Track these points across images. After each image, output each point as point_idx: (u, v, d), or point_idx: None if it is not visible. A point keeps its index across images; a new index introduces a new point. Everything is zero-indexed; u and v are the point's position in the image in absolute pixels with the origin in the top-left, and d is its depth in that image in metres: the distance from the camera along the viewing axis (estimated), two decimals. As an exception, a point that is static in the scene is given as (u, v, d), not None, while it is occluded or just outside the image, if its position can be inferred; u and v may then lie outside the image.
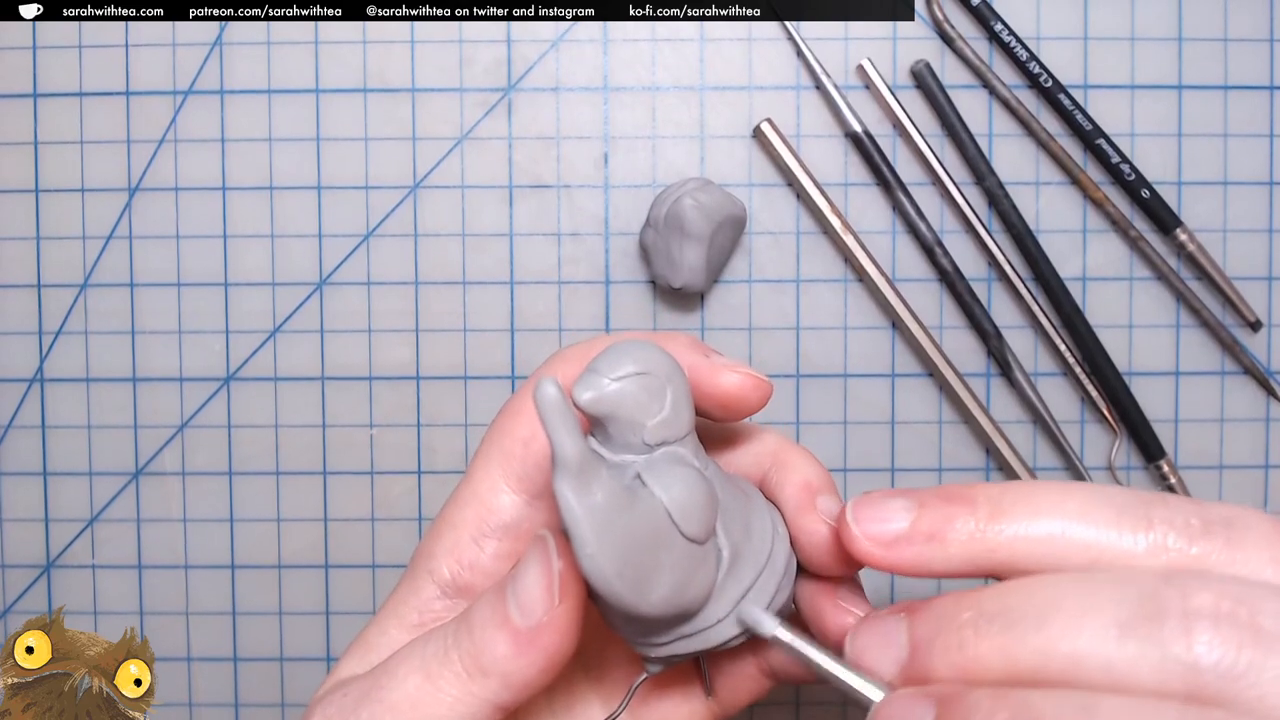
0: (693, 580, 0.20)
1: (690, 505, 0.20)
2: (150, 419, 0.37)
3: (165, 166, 0.36)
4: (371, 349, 0.37)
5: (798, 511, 0.23)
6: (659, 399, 0.21)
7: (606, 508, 0.18)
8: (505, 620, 0.20)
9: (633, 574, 0.19)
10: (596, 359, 0.21)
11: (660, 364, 0.21)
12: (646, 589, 0.19)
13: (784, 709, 0.37)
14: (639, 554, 0.19)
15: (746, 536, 0.22)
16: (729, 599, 0.21)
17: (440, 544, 0.24)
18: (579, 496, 0.18)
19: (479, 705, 0.20)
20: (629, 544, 0.19)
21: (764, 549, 0.22)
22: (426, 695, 0.20)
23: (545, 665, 0.20)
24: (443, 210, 0.36)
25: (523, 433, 0.24)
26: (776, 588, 0.22)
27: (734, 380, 0.23)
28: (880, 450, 0.37)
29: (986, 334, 0.36)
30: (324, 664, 0.37)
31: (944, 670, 0.18)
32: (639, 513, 0.19)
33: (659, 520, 0.19)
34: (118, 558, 0.37)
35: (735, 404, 0.23)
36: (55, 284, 0.37)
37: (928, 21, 0.36)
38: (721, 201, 0.34)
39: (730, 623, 0.21)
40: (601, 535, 0.18)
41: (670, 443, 0.21)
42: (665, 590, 0.19)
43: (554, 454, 0.18)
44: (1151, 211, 0.36)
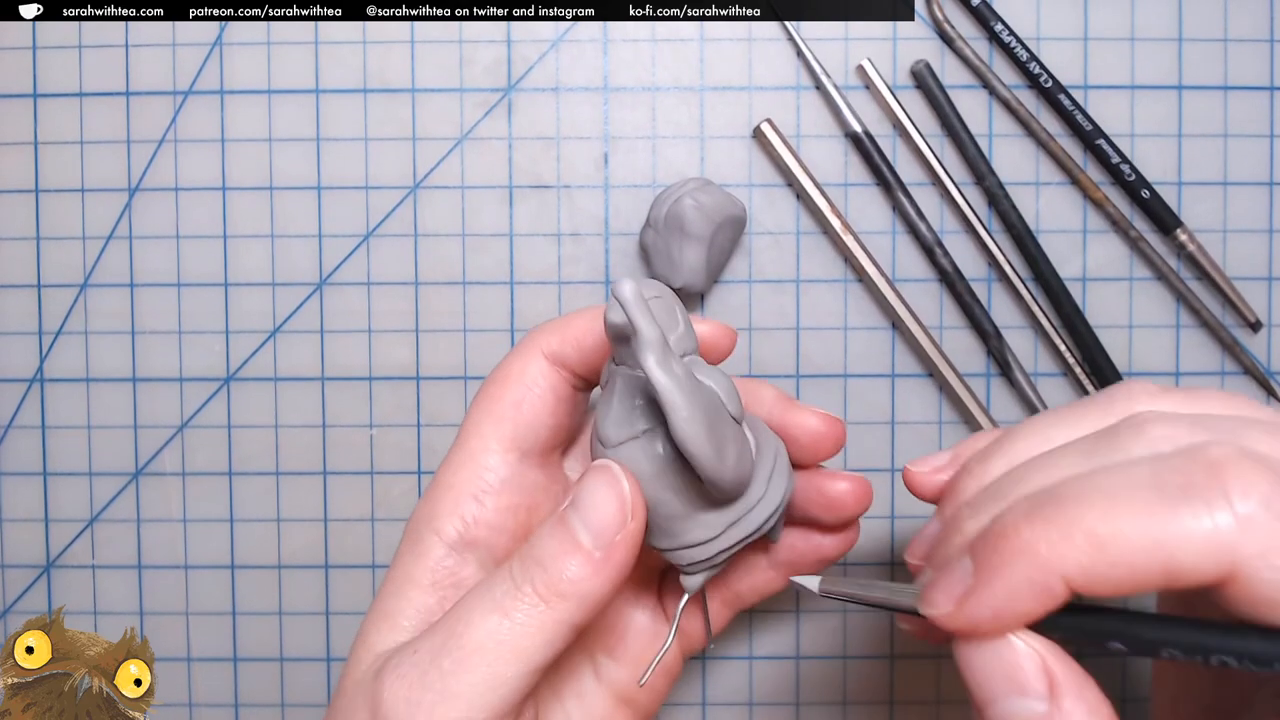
0: (745, 454, 0.23)
1: (730, 390, 0.23)
2: (150, 419, 0.37)
3: (165, 166, 0.36)
4: (371, 349, 0.37)
5: (784, 411, 0.27)
6: (674, 317, 0.24)
7: (686, 379, 0.21)
8: (577, 546, 0.22)
9: (715, 440, 0.21)
10: (617, 289, 0.23)
11: (667, 290, 0.24)
12: (724, 454, 0.22)
13: (784, 709, 0.37)
14: (714, 422, 0.21)
15: (757, 431, 0.25)
16: (761, 479, 0.24)
17: (441, 505, 0.26)
18: (665, 370, 0.20)
19: (557, 628, 0.22)
20: (706, 412, 0.21)
21: (770, 439, 0.25)
22: (506, 629, 0.22)
23: (617, 580, 0.22)
24: (443, 210, 0.36)
25: (512, 396, 0.26)
26: (788, 472, 0.25)
27: (813, 423, 0.27)
28: (880, 450, 0.37)
29: (986, 334, 0.36)
30: (324, 664, 0.37)
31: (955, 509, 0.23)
32: (702, 390, 0.22)
33: (715, 400, 0.22)
34: (118, 558, 0.37)
35: (820, 441, 0.27)
36: (55, 284, 0.37)
37: (928, 21, 0.36)
38: (721, 202, 0.34)
39: (765, 504, 0.24)
40: (691, 401, 0.21)
41: (689, 354, 0.24)
42: (733, 458, 0.22)
43: (641, 338, 0.20)
44: (1151, 212, 0.36)
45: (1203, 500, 0.18)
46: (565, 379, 0.27)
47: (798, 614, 0.37)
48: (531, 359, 0.26)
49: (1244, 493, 0.18)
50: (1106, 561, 0.18)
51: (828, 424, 0.27)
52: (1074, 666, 0.19)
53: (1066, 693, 0.19)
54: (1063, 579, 0.19)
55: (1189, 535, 0.18)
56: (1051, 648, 0.19)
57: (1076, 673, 0.19)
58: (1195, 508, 0.18)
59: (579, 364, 0.27)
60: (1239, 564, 0.18)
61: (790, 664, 0.37)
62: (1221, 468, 0.18)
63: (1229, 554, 0.18)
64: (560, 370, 0.27)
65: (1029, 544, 0.19)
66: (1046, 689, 0.19)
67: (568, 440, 0.29)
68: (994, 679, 0.19)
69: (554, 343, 0.27)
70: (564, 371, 0.27)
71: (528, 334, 0.28)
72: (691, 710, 0.37)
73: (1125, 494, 0.19)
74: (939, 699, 0.37)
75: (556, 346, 0.26)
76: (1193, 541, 0.18)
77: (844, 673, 0.37)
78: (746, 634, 0.37)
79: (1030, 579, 0.19)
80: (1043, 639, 0.20)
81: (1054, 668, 0.19)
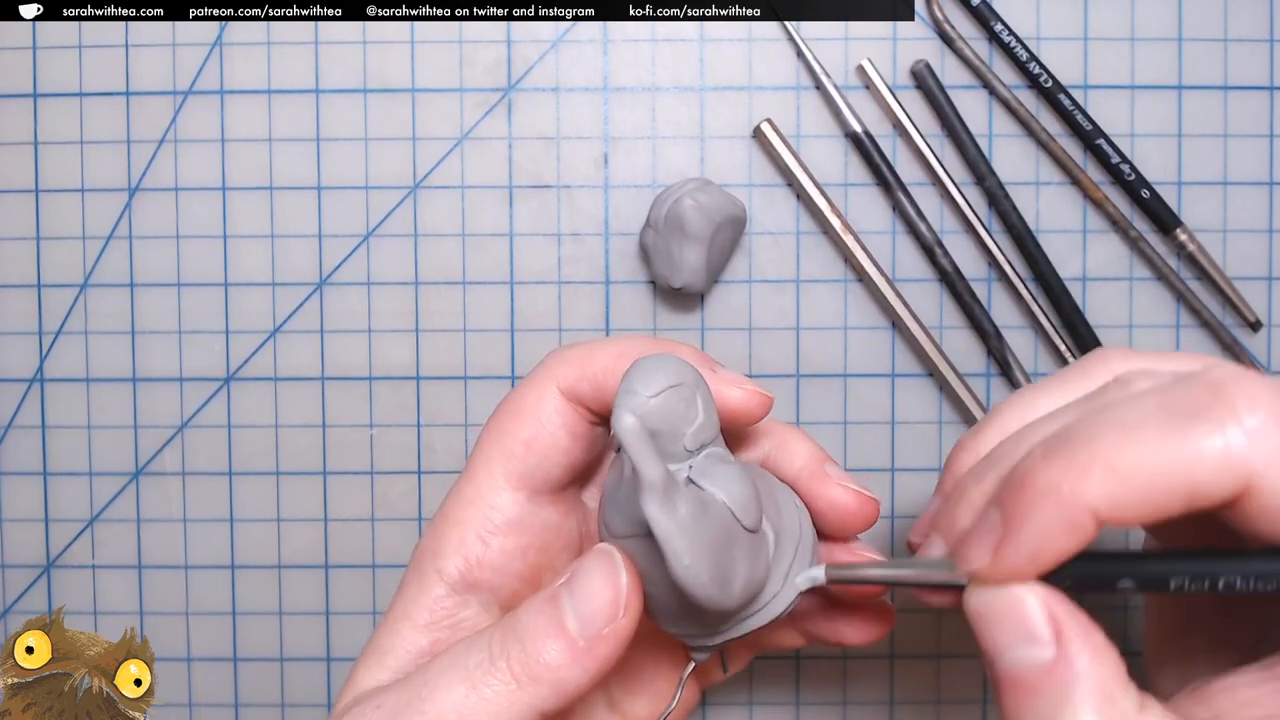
0: (758, 566, 0.22)
1: (746, 499, 0.22)
2: (150, 419, 0.37)
3: (165, 166, 0.36)
4: (371, 349, 0.37)
5: (813, 481, 0.26)
6: (693, 407, 0.22)
7: (691, 519, 0.20)
8: (561, 630, 0.21)
9: (720, 575, 0.20)
10: (629, 379, 0.22)
11: (686, 374, 0.22)
12: (729, 585, 0.21)
13: (784, 710, 0.37)
14: (720, 554, 0.21)
15: (779, 515, 0.24)
16: (780, 575, 0.23)
17: (446, 542, 0.25)
18: (668, 514, 0.19)
19: (524, 711, 0.21)
20: (711, 548, 0.20)
21: (794, 523, 0.24)
22: (471, 703, 0.21)
23: (598, 673, 0.21)
24: (443, 210, 0.36)
25: (524, 434, 0.25)
26: (811, 555, 0.24)
27: (738, 395, 0.25)
28: (880, 450, 0.37)
29: (986, 334, 0.36)
30: (324, 664, 0.37)
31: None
32: (711, 517, 0.21)
33: (726, 520, 0.21)
34: (118, 558, 0.37)
35: (740, 417, 0.25)
36: (55, 284, 0.37)
37: (928, 21, 0.36)
38: (721, 202, 0.34)
39: (783, 597, 0.23)
40: (693, 546, 0.20)
41: (708, 445, 0.22)
42: (742, 581, 0.21)
43: (641, 479, 0.19)
44: (1151, 212, 0.36)
45: (1212, 419, 0.19)
46: (582, 415, 0.25)
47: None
48: (546, 393, 0.25)
49: (1250, 408, 0.19)
50: (1129, 490, 0.19)
51: (859, 502, 0.25)
52: (1079, 613, 0.20)
53: (1073, 637, 0.19)
54: (1090, 512, 0.19)
55: (1204, 454, 0.18)
56: (1057, 596, 0.20)
57: (1081, 618, 0.20)
58: (1206, 427, 0.19)
59: (596, 402, 0.25)
60: (1253, 476, 0.18)
61: (790, 664, 0.37)
62: (1224, 386, 0.19)
63: (1243, 468, 0.18)
64: (577, 406, 0.25)
65: (1052, 484, 0.19)
66: (1053, 635, 0.19)
67: (585, 475, 0.27)
68: (1002, 628, 0.20)
69: (571, 377, 0.25)
70: (580, 408, 0.25)
71: (545, 361, 0.26)
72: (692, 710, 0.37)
73: (1137, 423, 0.19)
74: (939, 699, 0.37)
75: (574, 382, 0.25)
76: (1208, 460, 0.18)
77: (844, 673, 0.37)
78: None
79: (1059, 517, 0.19)
80: (1048, 588, 0.20)
81: (1059, 614, 0.20)
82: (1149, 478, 0.19)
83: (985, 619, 0.20)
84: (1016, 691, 0.19)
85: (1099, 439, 0.19)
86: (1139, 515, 0.19)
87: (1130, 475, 0.19)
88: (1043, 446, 0.20)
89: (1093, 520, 0.19)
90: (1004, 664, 0.20)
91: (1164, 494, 0.19)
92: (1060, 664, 0.19)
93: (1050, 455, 0.20)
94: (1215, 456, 0.18)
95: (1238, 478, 0.18)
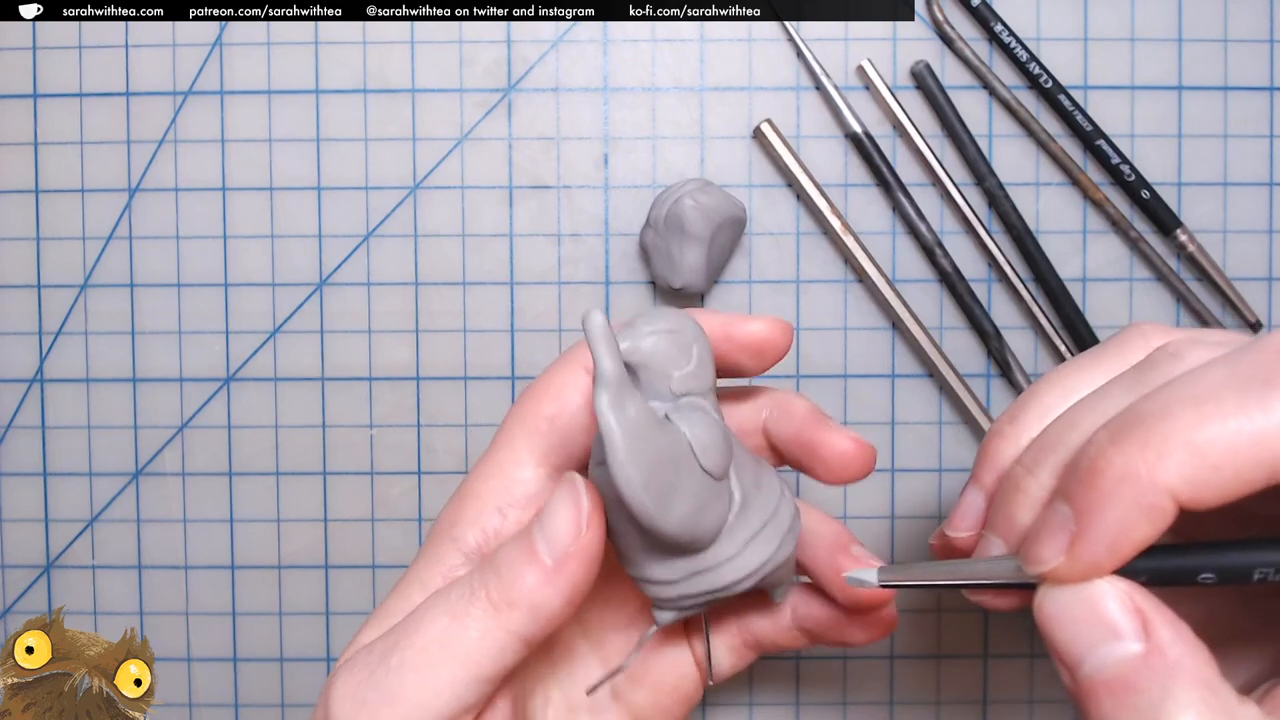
0: (708, 510, 0.22)
1: (709, 442, 0.22)
2: (150, 419, 0.37)
3: (165, 167, 0.36)
4: (371, 349, 0.37)
5: (815, 429, 0.26)
6: (686, 354, 0.23)
7: (637, 422, 0.20)
8: (533, 555, 0.22)
9: (656, 487, 0.21)
10: (635, 317, 0.23)
11: (689, 326, 0.23)
12: (667, 505, 0.21)
13: (784, 710, 0.37)
14: (662, 470, 0.21)
15: (757, 488, 0.24)
16: (738, 540, 0.23)
17: (464, 513, 0.25)
18: (615, 410, 0.20)
19: (505, 637, 0.22)
20: (655, 459, 0.21)
21: (771, 503, 0.24)
22: (455, 633, 0.22)
23: (570, 594, 0.22)
24: (443, 210, 0.36)
25: (549, 410, 0.25)
26: (780, 541, 0.24)
27: (760, 326, 0.25)
28: (880, 450, 0.36)
29: (986, 334, 0.36)
30: (324, 664, 0.37)
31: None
32: (664, 436, 0.21)
33: (681, 448, 0.22)
34: (118, 558, 0.37)
35: (765, 347, 0.25)
36: (55, 284, 0.37)
37: (928, 22, 0.36)
38: (721, 202, 0.34)
39: (737, 565, 0.23)
40: (632, 445, 0.20)
41: (694, 394, 0.23)
42: (683, 511, 0.21)
43: (596, 372, 0.20)
44: (1151, 212, 0.36)
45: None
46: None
47: (798, 614, 0.37)
48: (571, 373, 0.25)
49: None
50: (1210, 467, 0.18)
51: (856, 446, 0.26)
52: (1160, 602, 0.19)
53: (1161, 626, 0.18)
54: (1170, 495, 0.18)
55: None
56: (1135, 586, 0.19)
57: (1164, 607, 0.19)
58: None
59: None
60: None
61: (791, 664, 0.37)
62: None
63: None
64: None
65: (1128, 468, 0.18)
66: (1140, 627, 0.18)
67: None
68: (1084, 628, 0.19)
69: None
70: None
71: (575, 345, 0.26)
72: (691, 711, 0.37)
73: (1212, 396, 0.18)
74: (939, 699, 0.37)
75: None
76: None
77: (844, 673, 0.37)
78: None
79: (1138, 503, 0.18)
80: (1125, 580, 0.19)
81: (1143, 604, 0.19)
82: (1232, 453, 0.18)
83: (1061, 622, 0.19)
84: (1108, 694, 0.18)
85: (1173, 415, 0.18)
86: (1221, 495, 0.18)
87: (1212, 453, 0.18)
88: (1108, 429, 0.19)
89: (1174, 505, 0.18)
90: (1089, 668, 0.18)
91: (1249, 469, 0.18)
92: (1154, 656, 0.18)
93: (1121, 437, 0.18)
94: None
95: None
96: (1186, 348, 0.20)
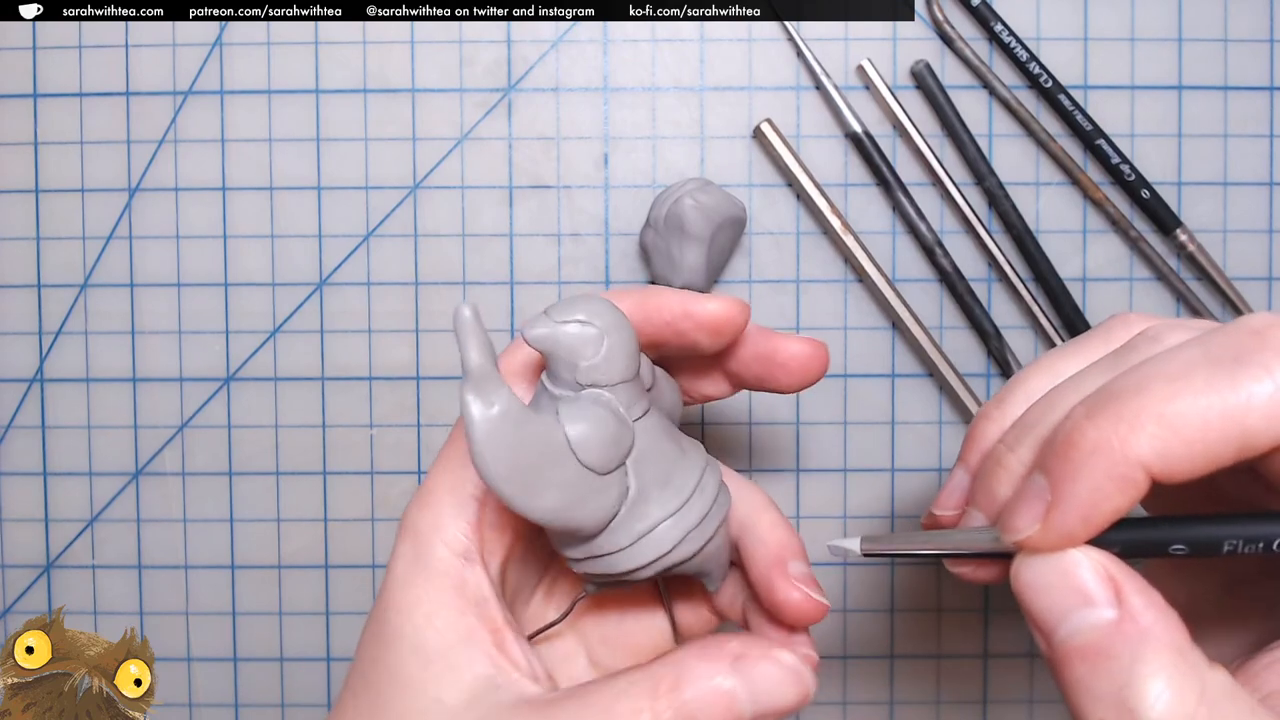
0: (585, 503, 0.23)
1: (590, 438, 0.22)
2: (150, 419, 0.37)
3: (165, 167, 0.36)
4: (371, 349, 0.37)
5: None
6: (594, 345, 0.23)
7: (500, 418, 0.21)
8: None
9: (520, 479, 0.21)
10: (553, 304, 0.23)
11: (605, 317, 0.23)
12: (533, 497, 0.22)
13: (784, 709, 0.37)
14: (528, 464, 0.21)
15: (662, 484, 0.24)
16: (631, 532, 0.23)
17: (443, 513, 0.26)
18: (477, 404, 0.20)
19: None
20: (518, 453, 0.21)
21: (677, 499, 0.24)
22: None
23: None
24: (443, 210, 0.36)
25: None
26: (683, 536, 0.24)
27: (716, 305, 0.25)
28: (880, 450, 0.37)
29: (986, 334, 0.36)
30: (324, 664, 0.37)
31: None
32: (535, 429, 0.21)
33: (555, 442, 0.22)
34: (118, 558, 0.37)
35: (723, 325, 0.25)
36: (55, 284, 0.37)
37: (928, 22, 0.36)
38: (721, 202, 0.34)
39: (631, 555, 0.23)
40: (490, 439, 0.21)
41: (600, 386, 0.23)
42: (552, 502, 0.22)
43: (463, 366, 0.20)
44: (1151, 212, 0.36)
45: (1260, 365, 0.18)
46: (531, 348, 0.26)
47: (798, 614, 0.37)
48: (508, 372, 0.26)
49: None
50: (1182, 441, 0.18)
51: (813, 347, 0.27)
52: (1132, 571, 0.19)
53: (1133, 593, 0.19)
54: (1142, 467, 0.19)
55: (1254, 400, 0.18)
56: (1109, 555, 0.19)
57: (1136, 576, 0.19)
58: (1255, 372, 0.18)
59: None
60: None
61: (790, 664, 0.37)
62: (1267, 333, 0.19)
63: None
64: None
65: (1101, 440, 0.19)
66: (1113, 594, 0.19)
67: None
68: (1059, 595, 0.19)
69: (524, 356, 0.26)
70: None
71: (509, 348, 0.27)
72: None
73: (1184, 373, 0.19)
74: (939, 699, 0.37)
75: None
76: (1259, 405, 0.18)
77: (844, 673, 0.37)
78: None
79: (1111, 474, 0.19)
80: (1099, 549, 0.20)
81: (1115, 573, 0.19)
82: (1202, 428, 0.18)
83: (1037, 590, 0.20)
84: (1080, 660, 0.19)
85: (1146, 391, 0.19)
86: (1192, 468, 0.18)
87: (1183, 426, 0.18)
88: (1084, 405, 0.20)
89: (1146, 477, 0.19)
90: (1063, 633, 0.19)
91: (1218, 444, 0.18)
92: (1126, 622, 0.18)
93: (1096, 412, 0.19)
94: (1266, 401, 0.18)
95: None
96: (1165, 332, 0.21)
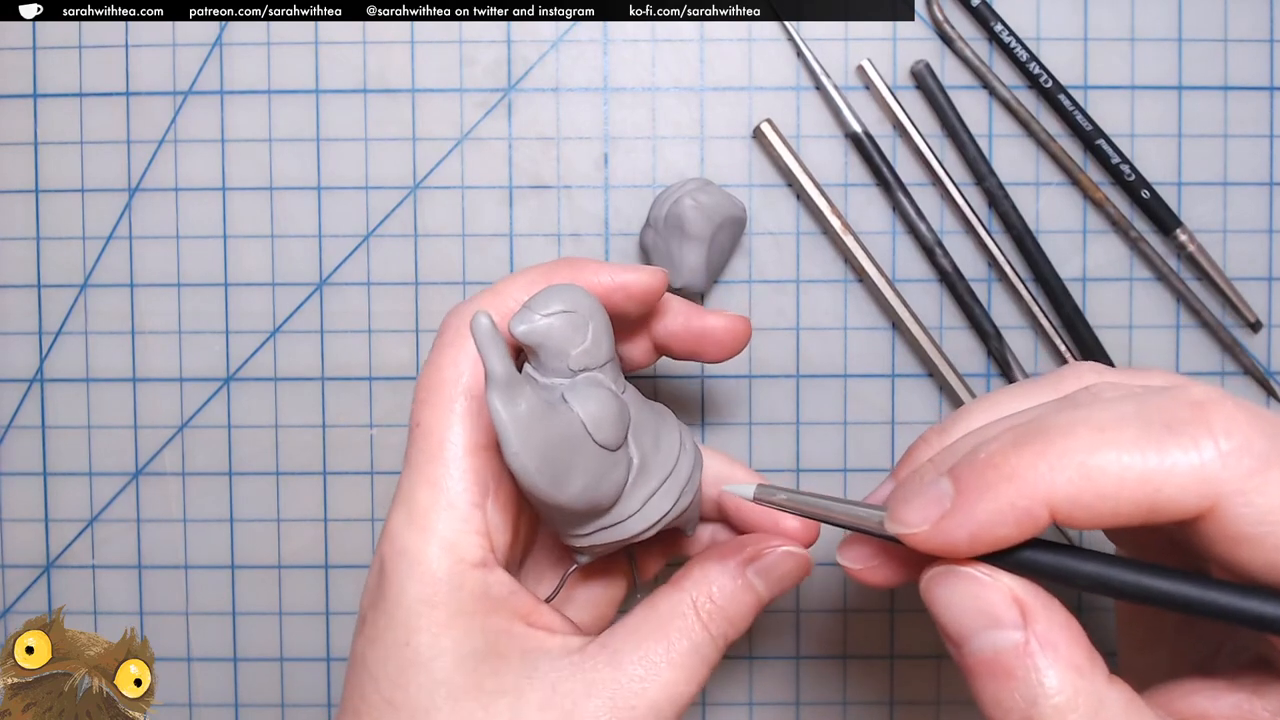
0: (605, 479, 0.24)
1: (602, 418, 0.23)
2: (150, 419, 0.37)
3: (165, 167, 0.36)
4: (371, 349, 0.37)
5: (697, 318, 0.28)
6: (581, 332, 0.24)
7: (528, 416, 0.22)
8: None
9: (550, 470, 0.22)
10: (530, 299, 0.24)
11: (583, 304, 0.24)
12: (562, 484, 0.23)
13: (784, 709, 0.37)
14: (556, 454, 0.22)
15: (655, 449, 0.26)
16: (638, 498, 0.25)
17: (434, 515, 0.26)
18: (506, 407, 0.21)
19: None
20: (547, 446, 0.22)
21: (669, 461, 0.26)
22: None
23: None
24: (443, 210, 0.36)
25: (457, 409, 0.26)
26: (679, 492, 0.26)
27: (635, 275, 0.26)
28: (880, 450, 0.37)
29: (986, 334, 0.36)
30: (324, 664, 0.37)
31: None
32: (557, 421, 0.23)
33: (574, 429, 0.23)
34: (118, 558, 0.37)
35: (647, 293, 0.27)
36: (55, 284, 0.37)
37: (928, 22, 0.36)
38: (721, 202, 0.34)
39: (639, 519, 0.25)
40: (524, 438, 0.22)
41: (592, 369, 0.24)
42: (579, 486, 0.23)
43: (486, 372, 0.21)
44: (1151, 212, 0.36)
45: (1189, 436, 0.19)
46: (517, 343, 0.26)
47: (798, 614, 0.37)
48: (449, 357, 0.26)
49: (1227, 431, 0.18)
50: (1094, 493, 0.19)
51: (736, 323, 0.28)
52: (1039, 590, 0.20)
53: (1038, 617, 0.19)
54: (1049, 507, 0.19)
55: (1175, 469, 0.18)
56: (1015, 577, 0.20)
57: (1043, 596, 0.20)
58: (1182, 442, 0.18)
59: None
60: (1219, 500, 0.18)
61: (790, 664, 0.37)
62: (1205, 407, 0.19)
63: (1211, 489, 0.18)
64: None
65: (1018, 471, 0.19)
66: (1019, 617, 0.19)
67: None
68: (966, 615, 0.20)
69: (501, 304, 0.26)
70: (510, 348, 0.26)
71: (449, 322, 0.27)
72: (691, 710, 0.37)
73: (1114, 427, 0.19)
74: (939, 699, 0.37)
75: (507, 309, 0.27)
76: (1179, 476, 0.18)
77: (844, 673, 0.37)
78: (746, 634, 0.37)
79: (1015, 504, 0.19)
80: (1005, 571, 0.20)
81: (1023, 596, 0.20)
82: (1118, 484, 0.19)
83: (946, 604, 0.20)
84: (988, 676, 0.19)
85: (1073, 436, 0.19)
86: (1095, 519, 0.19)
87: (1100, 479, 0.19)
88: (1012, 434, 0.20)
89: (1048, 516, 0.19)
90: (971, 649, 0.20)
91: (1128, 503, 0.19)
92: (1031, 644, 0.19)
93: (1021, 444, 0.19)
94: (1185, 473, 0.18)
95: (1203, 498, 0.18)
96: (1107, 389, 0.21)
